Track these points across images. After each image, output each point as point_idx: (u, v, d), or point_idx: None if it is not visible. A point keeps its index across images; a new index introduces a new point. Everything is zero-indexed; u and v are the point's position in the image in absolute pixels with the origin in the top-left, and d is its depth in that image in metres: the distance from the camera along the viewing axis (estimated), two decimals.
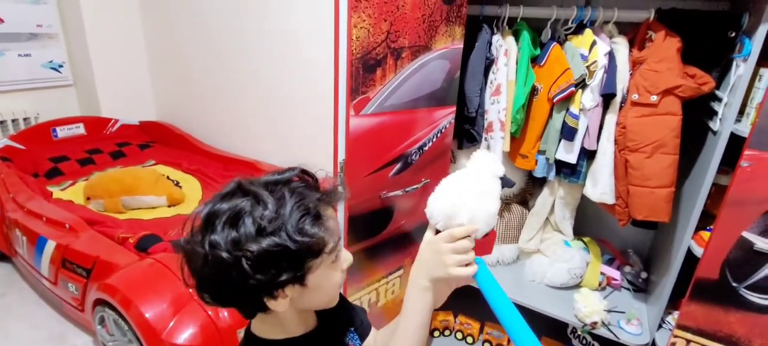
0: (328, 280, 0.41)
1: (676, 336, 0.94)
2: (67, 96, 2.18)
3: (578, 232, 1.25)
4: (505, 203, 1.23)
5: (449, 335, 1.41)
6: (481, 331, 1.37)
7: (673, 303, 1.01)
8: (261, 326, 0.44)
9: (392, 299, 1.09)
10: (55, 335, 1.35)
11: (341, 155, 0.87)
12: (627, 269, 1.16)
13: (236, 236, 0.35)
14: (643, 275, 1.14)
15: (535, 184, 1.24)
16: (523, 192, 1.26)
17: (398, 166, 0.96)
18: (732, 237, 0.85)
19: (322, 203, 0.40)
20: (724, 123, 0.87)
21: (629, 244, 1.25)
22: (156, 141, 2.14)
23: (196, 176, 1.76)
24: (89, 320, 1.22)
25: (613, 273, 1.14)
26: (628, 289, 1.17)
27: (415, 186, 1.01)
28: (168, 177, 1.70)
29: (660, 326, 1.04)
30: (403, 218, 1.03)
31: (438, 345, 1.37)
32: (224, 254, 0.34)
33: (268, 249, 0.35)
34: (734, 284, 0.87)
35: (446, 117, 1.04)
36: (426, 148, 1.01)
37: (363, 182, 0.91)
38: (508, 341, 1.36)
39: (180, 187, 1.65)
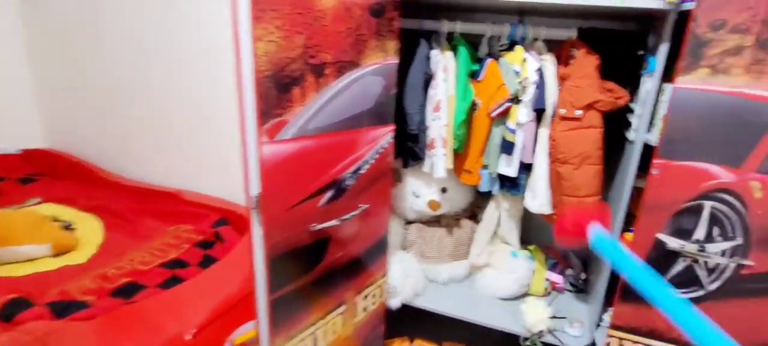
0: None
1: (610, 336, 0.99)
2: None
3: (527, 241, 1.29)
4: (455, 219, 1.21)
5: None
6: None
7: (610, 301, 1.07)
8: None
9: (334, 340, 0.99)
10: None
11: (255, 189, 0.74)
12: (568, 272, 1.22)
13: None
14: (583, 276, 1.20)
15: (482, 198, 1.24)
16: (471, 206, 1.26)
17: (330, 193, 0.87)
18: (649, 239, 0.91)
19: None
20: (638, 133, 0.94)
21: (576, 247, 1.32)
22: (43, 174, 1.74)
23: (98, 215, 1.45)
24: None
25: (556, 278, 1.19)
26: (571, 291, 1.22)
27: (352, 213, 0.92)
28: (56, 219, 1.36)
29: (598, 325, 1.09)
30: (340, 249, 0.93)
31: None
32: None
33: None
34: None
35: (384, 136, 0.97)
36: (362, 170, 0.93)
37: (286, 216, 0.80)
38: None
39: (72, 230, 1.33)
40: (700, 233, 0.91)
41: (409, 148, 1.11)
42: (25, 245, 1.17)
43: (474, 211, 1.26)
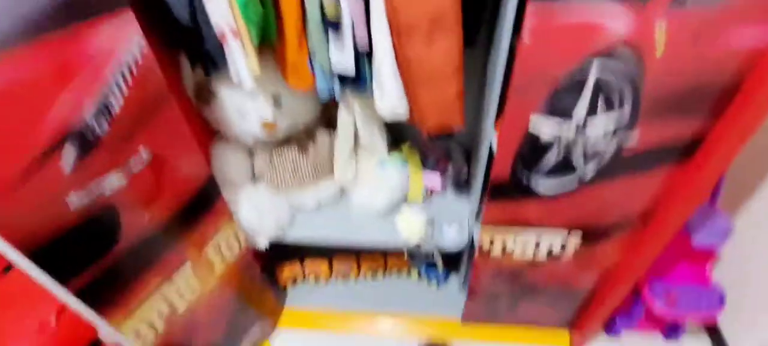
0: None
1: (483, 234, 0.92)
2: None
3: (401, 138, 1.09)
4: (306, 134, 0.97)
5: (302, 283, 1.37)
6: (330, 267, 1.33)
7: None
8: None
9: (198, 297, 0.89)
10: None
11: None
12: (449, 169, 1.07)
13: None
14: (465, 170, 1.07)
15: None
16: (326, 109, 1.00)
17: (72, 152, 0.60)
18: (520, 127, 0.72)
19: None
20: None
21: (455, 139, 1.13)
22: None
23: None
24: None
25: (435, 180, 1.05)
26: (454, 188, 1.11)
27: (131, 165, 0.67)
28: None
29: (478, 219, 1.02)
30: (141, 213, 0.72)
31: (294, 298, 1.32)
32: None
33: None
34: (524, 173, 0.80)
35: (127, 41, 0.62)
36: (114, 106, 0.64)
37: (13, 197, 0.56)
38: (361, 264, 1.35)
39: None
40: (581, 110, 0.71)
41: (198, 49, 0.77)
42: None
43: (330, 115, 1.00)
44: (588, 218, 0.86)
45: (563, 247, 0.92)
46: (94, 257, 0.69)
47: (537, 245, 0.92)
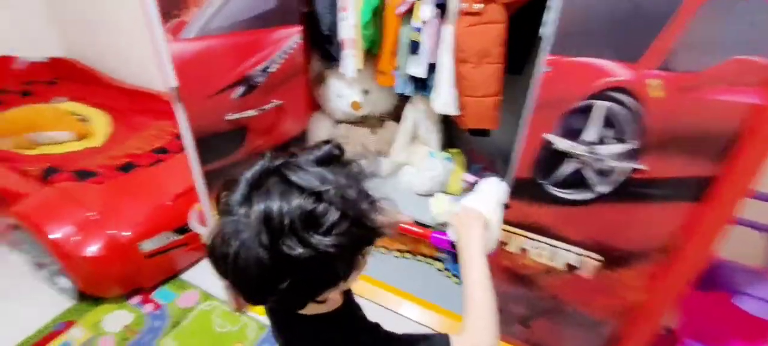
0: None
1: (502, 230, 1.23)
2: None
3: (454, 143, 1.48)
4: (379, 120, 1.44)
5: None
6: None
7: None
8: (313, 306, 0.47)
9: None
10: None
11: (172, 81, 1.06)
12: (488, 174, 1.41)
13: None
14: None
15: (408, 100, 1.43)
16: (397, 109, 1.46)
17: (241, 89, 1.16)
18: (539, 139, 1.05)
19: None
20: (548, 27, 0.98)
21: (503, 152, 1.47)
22: (62, 78, 2.37)
23: (105, 110, 2.03)
24: None
25: (472, 179, 1.40)
26: None
27: (264, 107, 1.22)
28: (74, 113, 1.97)
29: None
30: (259, 139, 1.26)
31: None
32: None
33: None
34: (541, 181, 1.11)
35: (290, 37, 1.18)
36: (271, 69, 1.19)
37: (204, 105, 1.11)
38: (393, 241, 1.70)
39: (87, 122, 1.92)
40: (591, 134, 1.00)
41: (326, 49, 1.31)
42: (53, 131, 1.78)
43: (399, 113, 1.46)
44: (603, 238, 1.05)
45: (580, 262, 1.12)
46: (223, 156, 1.20)
47: (553, 253, 1.16)
